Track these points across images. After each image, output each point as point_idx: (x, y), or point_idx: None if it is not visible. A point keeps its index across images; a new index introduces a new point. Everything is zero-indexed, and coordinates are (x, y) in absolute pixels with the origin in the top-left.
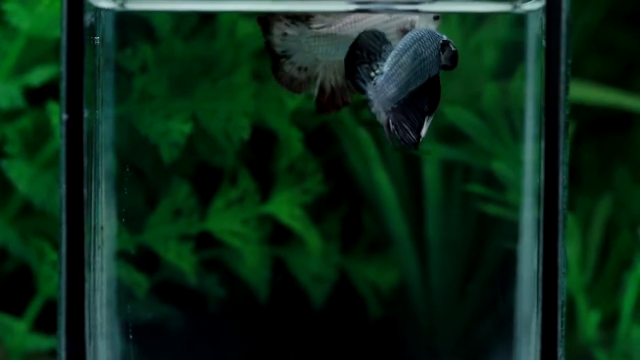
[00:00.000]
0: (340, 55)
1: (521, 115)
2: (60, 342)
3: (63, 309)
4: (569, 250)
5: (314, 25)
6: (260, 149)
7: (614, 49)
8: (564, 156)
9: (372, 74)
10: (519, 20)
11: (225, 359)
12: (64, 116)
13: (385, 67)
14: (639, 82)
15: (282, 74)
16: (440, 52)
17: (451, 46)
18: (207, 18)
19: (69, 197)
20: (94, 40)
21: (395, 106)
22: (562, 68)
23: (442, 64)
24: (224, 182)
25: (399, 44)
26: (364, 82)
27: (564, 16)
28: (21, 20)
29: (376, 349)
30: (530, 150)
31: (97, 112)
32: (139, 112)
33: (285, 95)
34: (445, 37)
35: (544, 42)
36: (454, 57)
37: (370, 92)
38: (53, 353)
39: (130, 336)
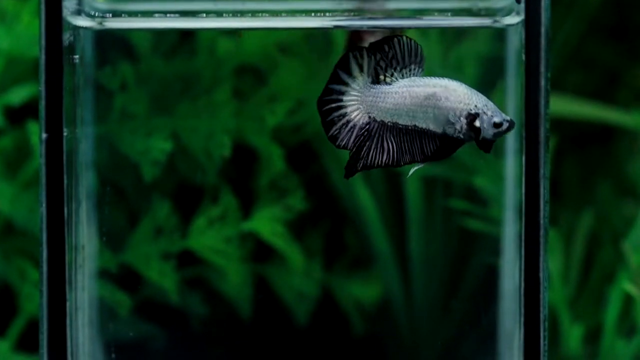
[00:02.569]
0: None
1: None
2: None
3: (45, 329)
4: (551, 264)
5: None
6: (242, 166)
7: (595, 62)
8: (545, 170)
9: (382, 76)
10: (499, 35)
11: None
12: (44, 135)
13: (396, 83)
14: (620, 96)
15: None
16: (465, 119)
17: (477, 123)
18: (187, 36)
19: (49, 216)
20: (73, 59)
21: (391, 124)
22: (542, 82)
23: (465, 134)
24: (206, 199)
25: (425, 77)
26: (373, 75)
27: (543, 30)
28: (0, 39)
29: None
30: (511, 165)
31: (77, 131)
32: (119, 131)
33: (266, 113)
34: (483, 109)
35: (523, 56)
36: (474, 132)
37: (362, 84)
38: None
39: (113, 355)
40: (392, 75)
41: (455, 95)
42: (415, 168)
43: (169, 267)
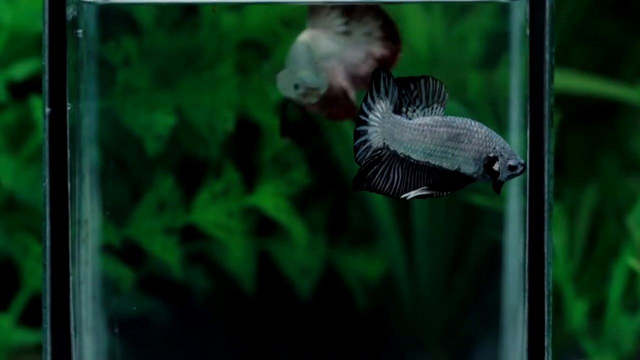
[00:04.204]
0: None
1: (506, 105)
2: (45, 336)
3: (48, 303)
4: (555, 239)
5: None
6: (245, 140)
7: (599, 38)
8: (549, 145)
9: (404, 108)
10: (503, 10)
11: (211, 352)
12: (47, 110)
13: (416, 119)
14: (625, 71)
15: None
16: (484, 162)
17: (496, 166)
18: (190, 10)
19: (52, 191)
20: (76, 34)
21: (403, 156)
22: (547, 57)
23: (480, 175)
24: (209, 174)
25: (448, 117)
26: (397, 104)
27: (547, 5)
28: (3, 14)
29: (363, 340)
30: (515, 139)
31: (80, 105)
32: (122, 105)
33: (269, 87)
34: (500, 152)
35: (528, 31)
36: (491, 175)
37: (384, 109)
38: (39, 347)
39: (116, 330)
40: (414, 111)
41: (477, 138)
42: (416, 193)
43: (172, 241)
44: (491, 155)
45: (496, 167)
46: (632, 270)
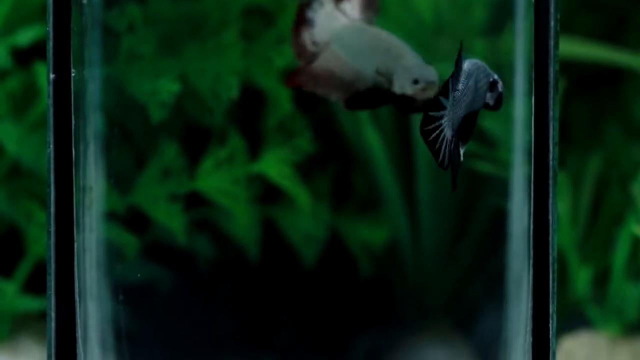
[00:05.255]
0: None
1: (511, 72)
2: (50, 303)
3: (52, 270)
4: (560, 206)
5: None
6: (250, 108)
7: (605, 5)
8: (554, 112)
9: (460, 85)
10: None
11: (215, 319)
12: (52, 76)
13: (459, 85)
14: (630, 39)
15: None
16: (488, 90)
17: (498, 87)
18: None
19: (57, 157)
20: (80, 0)
21: (458, 126)
22: (552, 23)
23: (486, 102)
24: (213, 141)
25: (464, 70)
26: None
27: None
28: None
29: (367, 307)
30: (520, 106)
31: (84, 72)
32: (127, 72)
33: (274, 54)
34: (495, 76)
35: None
36: (499, 99)
37: (453, 102)
38: (43, 314)
39: (120, 297)
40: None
41: (483, 70)
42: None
43: (177, 208)
44: (491, 80)
45: (500, 87)
46: (637, 237)
